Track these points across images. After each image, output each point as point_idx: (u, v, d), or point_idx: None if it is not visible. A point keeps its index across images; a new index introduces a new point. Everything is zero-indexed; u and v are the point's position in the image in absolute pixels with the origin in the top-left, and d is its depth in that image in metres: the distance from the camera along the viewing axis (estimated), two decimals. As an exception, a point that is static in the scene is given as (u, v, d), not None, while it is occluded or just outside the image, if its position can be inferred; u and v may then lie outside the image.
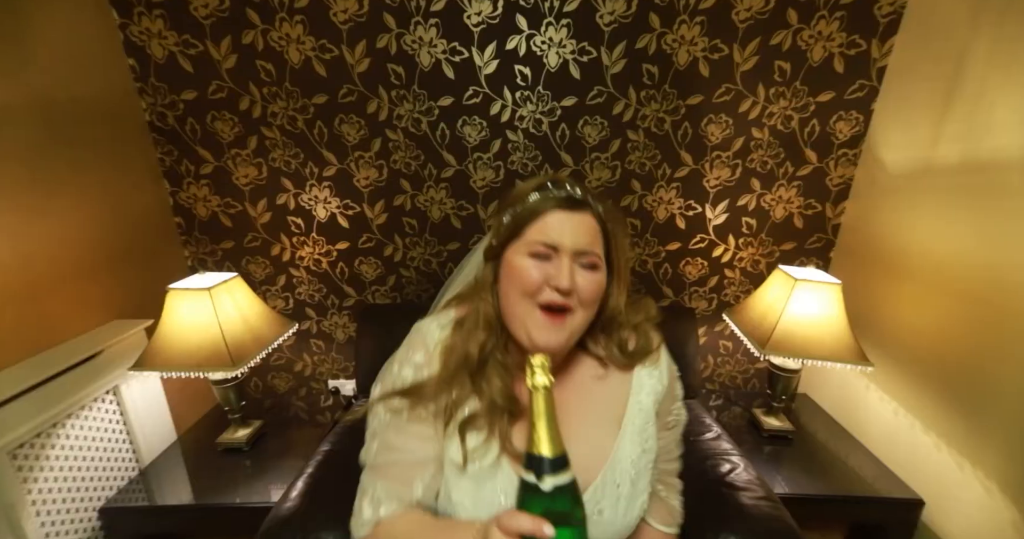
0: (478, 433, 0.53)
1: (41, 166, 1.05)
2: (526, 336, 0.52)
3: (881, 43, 1.27)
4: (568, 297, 0.51)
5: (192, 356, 1.08)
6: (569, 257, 0.51)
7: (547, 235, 0.52)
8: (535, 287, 0.52)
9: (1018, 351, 0.95)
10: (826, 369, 1.53)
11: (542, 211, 0.52)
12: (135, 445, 1.22)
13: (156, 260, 1.39)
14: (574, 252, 0.52)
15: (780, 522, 0.90)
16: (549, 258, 0.52)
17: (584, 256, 0.52)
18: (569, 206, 0.53)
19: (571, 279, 0.50)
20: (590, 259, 0.52)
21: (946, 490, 1.10)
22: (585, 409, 0.50)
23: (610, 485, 0.53)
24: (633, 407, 0.57)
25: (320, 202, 1.46)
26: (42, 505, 0.98)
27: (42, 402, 0.97)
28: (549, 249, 0.52)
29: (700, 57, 1.30)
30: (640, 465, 0.55)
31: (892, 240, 1.28)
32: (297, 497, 0.97)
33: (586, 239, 0.52)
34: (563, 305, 0.51)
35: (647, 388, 0.58)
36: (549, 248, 0.52)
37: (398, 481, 0.53)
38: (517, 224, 0.54)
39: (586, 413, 0.50)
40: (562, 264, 0.51)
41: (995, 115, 1.00)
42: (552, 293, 0.51)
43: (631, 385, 0.58)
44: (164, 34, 1.26)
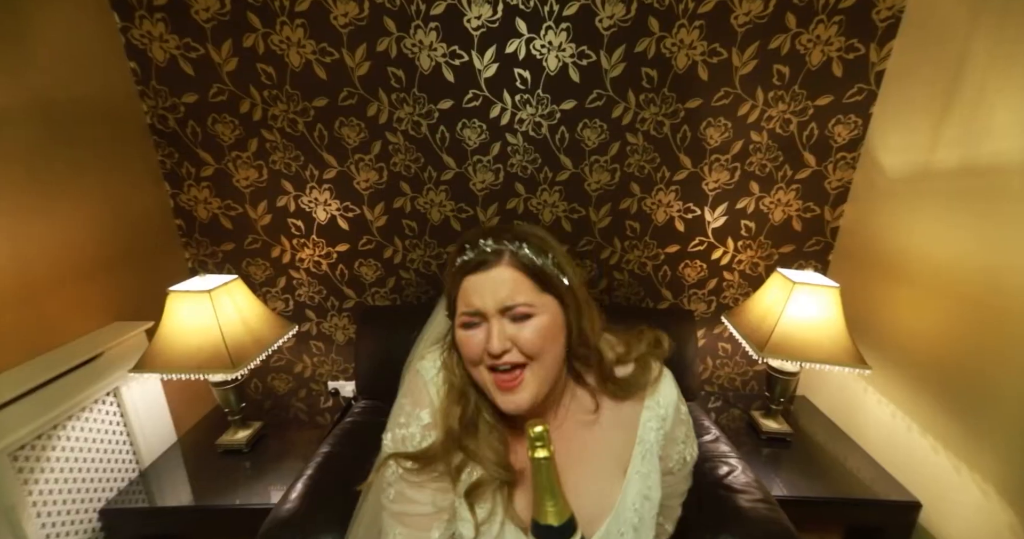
0: (483, 502, 0.52)
1: (41, 168, 1.05)
2: (497, 404, 0.51)
3: (879, 47, 1.28)
4: (509, 355, 0.49)
5: (192, 358, 1.09)
6: (496, 318, 0.49)
7: (468, 303, 0.50)
8: (477, 358, 0.51)
9: (1017, 354, 0.96)
10: (824, 372, 1.53)
11: (459, 283, 0.51)
12: (135, 446, 1.22)
13: (156, 262, 1.39)
14: (498, 310, 0.49)
15: (777, 524, 0.91)
16: (479, 324, 0.50)
17: (511, 310, 0.49)
18: (478, 267, 0.50)
19: (500, 340, 0.48)
20: (518, 310, 0.49)
21: (943, 493, 1.10)
22: (589, 455, 0.49)
23: (614, 534, 0.52)
24: (637, 456, 0.55)
25: (320, 204, 1.46)
26: (43, 506, 0.98)
27: (42, 404, 0.97)
28: (475, 317, 0.50)
29: (699, 61, 1.31)
30: (643, 511, 0.54)
31: (891, 243, 1.28)
32: (297, 499, 0.98)
33: (504, 292, 0.49)
34: (508, 365, 0.49)
35: (652, 435, 0.56)
36: (475, 316, 0.50)
37: (416, 528, 0.53)
38: (451, 300, 0.53)
39: (590, 459, 0.48)
40: (490, 327, 0.49)
41: (994, 119, 1.00)
42: (489, 358, 0.50)
43: (637, 430, 0.56)
44: (165, 37, 1.27)
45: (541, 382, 0.50)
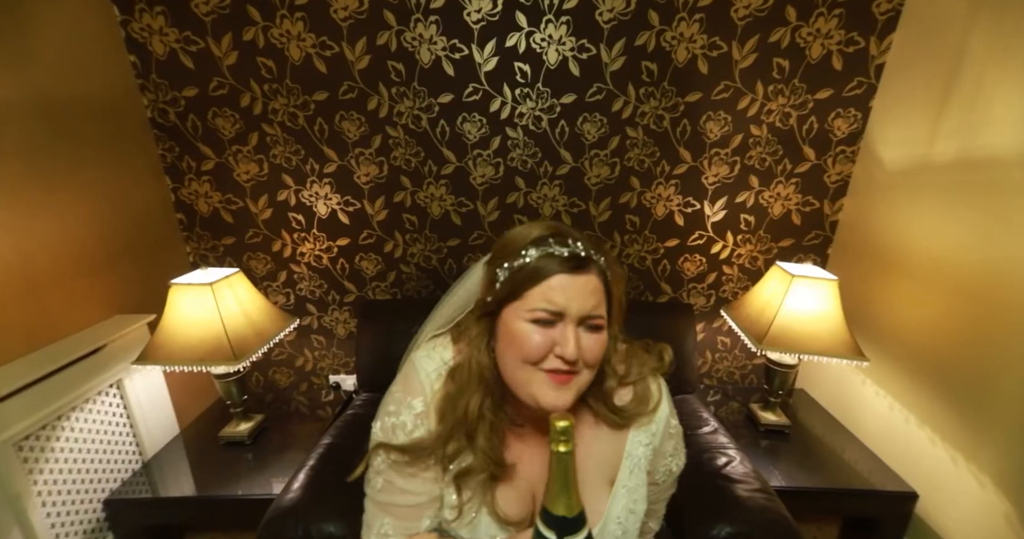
0: (467, 489, 0.52)
1: (42, 162, 1.06)
2: (531, 399, 0.50)
3: (879, 40, 1.28)
4: (575, 364, 0.49)
5: (195, 350, 1.09)
6: (575, 323, 0.48)
7: (552, 301, 0.48)
8: (539, 356, 0.48)
9: (1014, 345, 0.96)
10: (823, 365, 1.54)
11: (545, 274, 0.48)
12: (138, 438, 1.23)
13: (158, 256, 1.40)
14: (580, 319, 0.48)
15: (774, 513, 0.92)
16: (553, 324, 0.48)
17: (590, 319, 0.49)
18: (574, 268, 0.48)
19: (577, 347, 0.47)
20: (596, 322, 0.49)
21: (940, 483, 1.11)
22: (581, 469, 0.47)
23: None
24: (625, 470, 0.55)
25: (321, 198, 1.47)
26: (48, 496, 0.99)
27: (46, 395, 0.98)
28: (554, 315, 0.48)
29: (699, 54, 1.31)
30: (627, 525, 0.54)
31: (889, 237, 1.29)
32: (299, 489, 0.99)
33: (592, 302, 0.48)
34: (570, 373, 0.49)
35: (641, 449, 0.56)
36: (554, 315, 0.48)
37: (406, 519, 0.53)
38: (516, 284, 0.49)
39: (582, 473, 0.47)
40: (567, 332, 0.47)
41: (992, 112, 1.01)
42: (556, 361, 0.48)
43: (626, 446, 0.56)
44: (165, 31, 1.27)
45: (580, 389, 0.50)
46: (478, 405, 0.52)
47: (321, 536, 0.90)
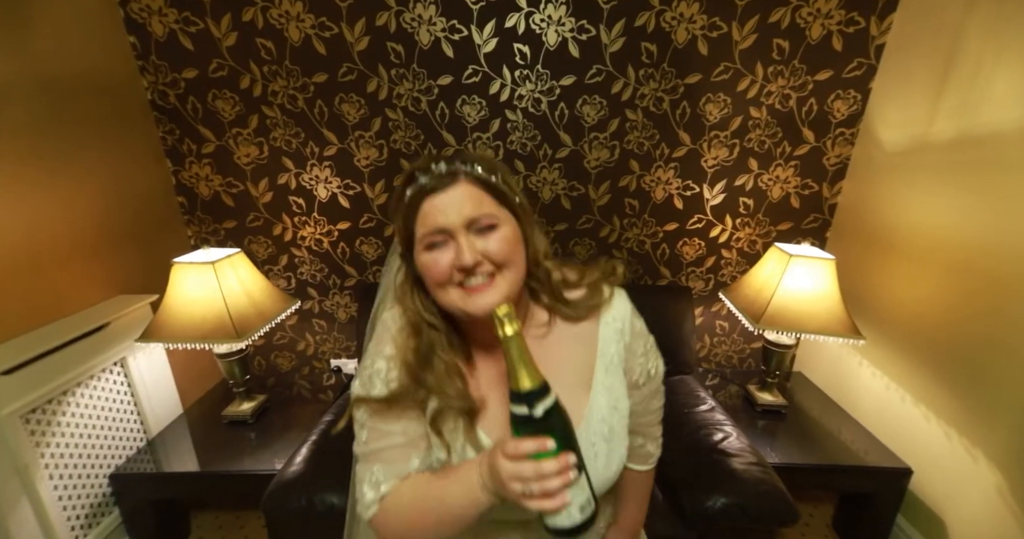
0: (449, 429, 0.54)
1: (44, 142, 1.06)
2: (464, 313, 0.51)
3: (880, 20, 1.27)
4: (481, 267, 0.50)
5: (197, 328, 1.11)
6: (462, 233, 0.49)
7: (429, 224, 0.50)
8: (446, 277, 0.50)
9: (1006, 319, 0.97)
10: (820, 347, 1.56)
11: (418, 203, 0.50)
12: (143, 416, 1.25)
13: (159, 238, 1.41)
14: (464, 225, 0.49)
15: (769, 485, 0.93)
16: (447, 243, 0.50)
17: (476, 222, 0.50)
18: (440, 185, 0.50)
19: (471, 252, 0.49)
20: (484, 222, 0.50)
21: (934, 459, 1.12)
22: (549, 370, 0.47)
23: (587, 445, 0.53)
24: (600, 369, 0.57)
25: (321, 182, 1.47)
26: (55, 469, 1.01)
27: (51, 370, 1.00)
28: (440, 235, 0.50)
29: (699, 35, 1.31)
30: (612, 421, 0.56)
31: (888, 218, 1.29)
32: (301, 462, 1.01)
33: (469, 206, 0.50)
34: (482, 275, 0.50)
35: (613, 347, 0.57)
36: (440, 234, 0.50)
37: (395, 462, 0.54)
38: (406, 223, 0.52)
39: (552, 375, 0.47)
40: (459, 242, 0.49)
41: (991, 90, 1.01)
42: (460, 275, 0.50)
43: (597, 345, 0.58)
44: (164, 11, 1.27)
45: (511, 284, 0.51)
46: (414, 350, 0.54)
47: (323, 506, 0.92)
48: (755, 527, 0.91)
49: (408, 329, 0.55)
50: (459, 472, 0.50)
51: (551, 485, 0.41)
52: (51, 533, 0.99)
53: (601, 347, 0.58)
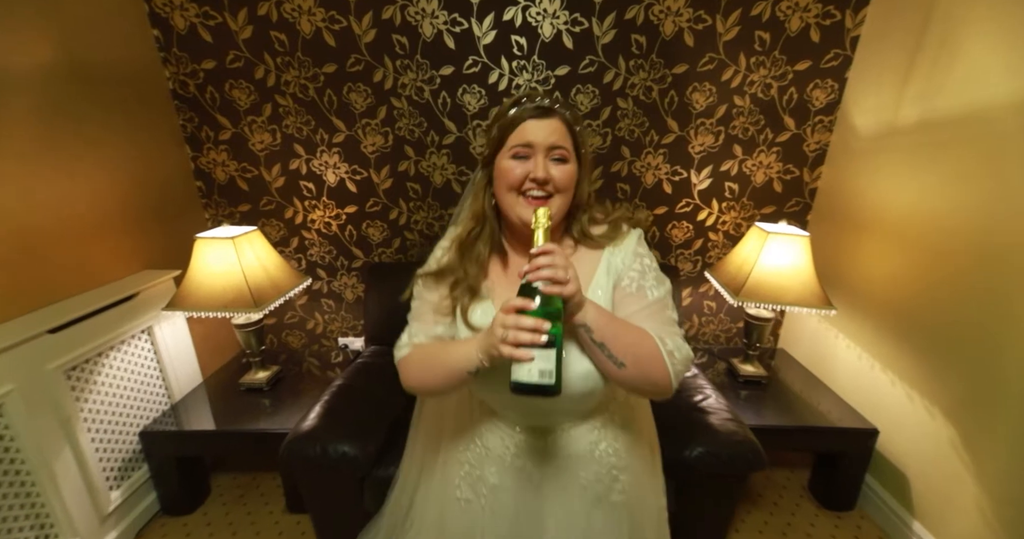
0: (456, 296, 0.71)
1: (78, 127, 1.16)
2: (517, 218, 0.65)
3: (855, 14, 1.36)
4: (546, 186, 0.63)
5: (219, 298, 1.20)
6: (543, 153, 0.63)
7: (523, 138, 0.63)
8: (519, 181, 0.63)
9: (958, 288, 1.06)
10: (801, 325, 1.64)
11: (519, 121, 0.64)
12: (167, 382, 1.34)
13: (180, 219, 1.50)
14: (547, 148, 0.63)
15: (740, 435, 1.02)
16: (528, 157, 0.64)
17: (555, 150, 0.63)
18: (540, 114, 0.64)
19: (546, 170, 0.62)
20: (560, 153, 0.64)
21: (898, 420, 1.21)
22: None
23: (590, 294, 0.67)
24: (601, 274, 0.68)
25: (330, 167, 1.56)
26: (92, 423, 1.11)
27: (89, 332, 1.09)
28: (526, 149, 0.63)
29: (685, 27, 1.39)
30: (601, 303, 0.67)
31: (861, 200, 1.38)
32: (315, 418, 1.10)
33: (555, 137, 0.63)
34: (543, 192, 0.64)
35: (610, 268, 0.68)
36: (526, 148, 0.63)
37: (427, 323, 0.70)
38: (502, 134, 0.65)
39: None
40: (538, 159, 0.63)
41: (948, 78, 1.09)
42: (531, 184, 0.63)
43: (599, 264, 0.69)
44: (185, 6, 1.36)
45: (559, 208, 0.65)
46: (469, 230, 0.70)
47: (336, 454, 1.01)
48: (728, 472, 1.00)
49: (472, 216, 0.70)
50: (463, 341, 0.64)
51: (522, 336, 0.52)
52: (90, 482, 1.09)
53: (604, 261, 0.70)
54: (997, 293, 0.98)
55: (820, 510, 1.35)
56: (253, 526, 1.28)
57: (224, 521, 1.29)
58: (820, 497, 1.38)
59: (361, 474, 1.03)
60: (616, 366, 0.60)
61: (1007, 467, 0.96)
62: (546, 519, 0.70)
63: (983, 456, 1.01)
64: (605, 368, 0.62)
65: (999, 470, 0.98)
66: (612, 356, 0.60)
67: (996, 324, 0.99)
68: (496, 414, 0.72)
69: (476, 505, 0.71)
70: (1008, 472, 0.96)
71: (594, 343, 0.60)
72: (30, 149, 1.04)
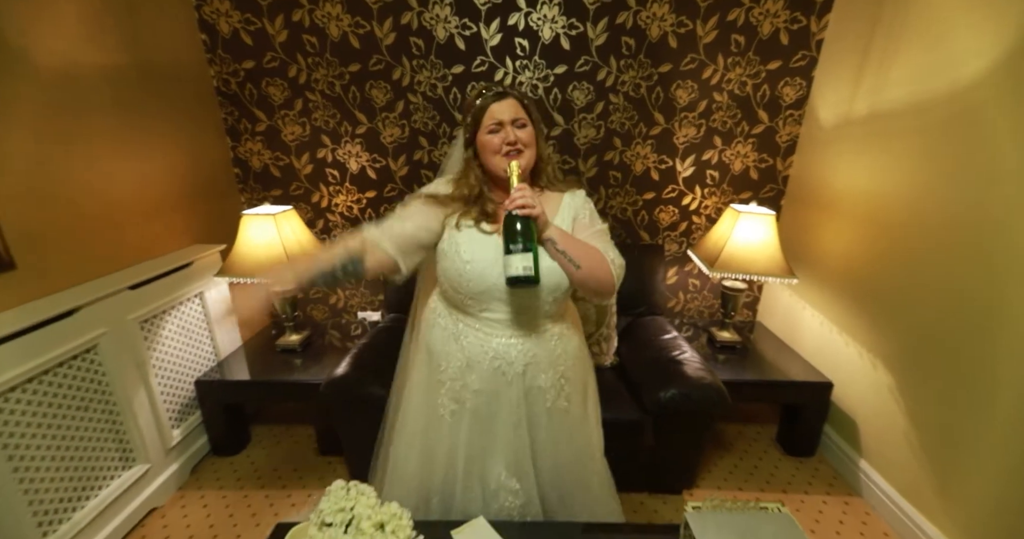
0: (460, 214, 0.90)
1: (142, 118, 1.35)
2: (501, 171, 0.87)
3: (818, 19, 1.53)
4: (516, 145, 0.86)
5: (262, 266, 1.39)
6: (509, 124, 0.85)
7: (493, 117, 0.85)
8: (498, 147, 0.86)
9: (897, 257, 1.24)
10: (776, 299, 1.82)
11: (486, 106, 0.86)
12: (214, 341, 1.54)
13: (220, 202, 1.70)
14: (511, 121, 0.85)
15: (708, 380, 1.21)
16: (499, 130, 0.85)
17: (517, 121, 0.86)
18: (498, 97, 0.86)
19: (514, 134, 0.85)
20: (521, 121, 0.86)
21: (850, 374, 1.40)
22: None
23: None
24: (563, 212, 0.92)
25: (353, 156, 1.75)
26: (159, 370, 1.31)
27: (156, 292, 1.29)
28: (497, 125, 0.85)
29: (669, 31, 1.57)
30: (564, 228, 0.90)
31: (824, 185, 1.55)
32: (346, 366, 1.30)
33: (514, 111, 0.86)
34: (515, 149, 0.86)
35: (569, 207, 0.93)
36: (497, 124, 0.85)
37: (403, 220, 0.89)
38: (476, 118, 0.87)
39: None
40: (507, 129, 0.85)
41: (889, 76, 1.26)
42: (506, 146, 0.86)
43: (561, 205, 0.93)
44: (230, 13, 1.55)
45: (527, 159, 0.87)
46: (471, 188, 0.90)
47: (365, 393, 1.21)
48: (697, 410, 1.19)
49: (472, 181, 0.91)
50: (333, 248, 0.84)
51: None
52: (159, 420, 1.29)
53: (564, 203, 0.93)
54: (926, 261, 1.16)
55: (784, 456, 1.53)
56: (291, 464, 1.48)
57: (266, 462, 1.49)
58: (785, 446, 1.56)
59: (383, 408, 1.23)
60: (574, 267, 0.82)
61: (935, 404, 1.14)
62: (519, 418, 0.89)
63: (911, 398, 1.19)
64: (567, 269, 0.83)
65: (926, 410, 1.16)
66: (571, 260, 0.81)
67: (922, 287, 1.16)
68: (480, 330, 0.89)
69: (461, 412, 0.90)
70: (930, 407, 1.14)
71: (558, 251, 0.82)
72: (111, 136, 1.24)
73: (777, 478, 1.43)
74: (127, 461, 1.21)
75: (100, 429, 1.13)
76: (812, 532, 1.23)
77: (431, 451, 0.94)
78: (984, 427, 1.02)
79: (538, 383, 0.89)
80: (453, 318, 0.92)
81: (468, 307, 0.89)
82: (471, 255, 0.85)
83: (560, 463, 0.94)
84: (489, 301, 0.87)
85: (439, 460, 0.93)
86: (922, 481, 1.16)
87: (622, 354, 1.50)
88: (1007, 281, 0.97)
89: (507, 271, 0.76)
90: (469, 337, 0.89)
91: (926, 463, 1.15)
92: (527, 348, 0.88)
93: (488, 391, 0.89)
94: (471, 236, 0.87)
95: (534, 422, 0.91)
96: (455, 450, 0.92)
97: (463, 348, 0.89)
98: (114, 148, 1.25)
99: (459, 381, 0.89)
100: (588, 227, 0.91)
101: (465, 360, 0.89)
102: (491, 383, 0.88)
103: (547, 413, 0.91)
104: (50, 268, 1.07)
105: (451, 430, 0.91)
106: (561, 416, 0.93)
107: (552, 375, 0.90)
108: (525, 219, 0.78)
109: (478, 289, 0.85)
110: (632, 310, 1.66)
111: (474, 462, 0.92)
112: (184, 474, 1.40)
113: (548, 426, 0.92)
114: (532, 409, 0.90)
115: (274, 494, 1.36)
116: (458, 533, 0.86)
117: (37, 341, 0.98)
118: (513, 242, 0.76)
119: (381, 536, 0.66)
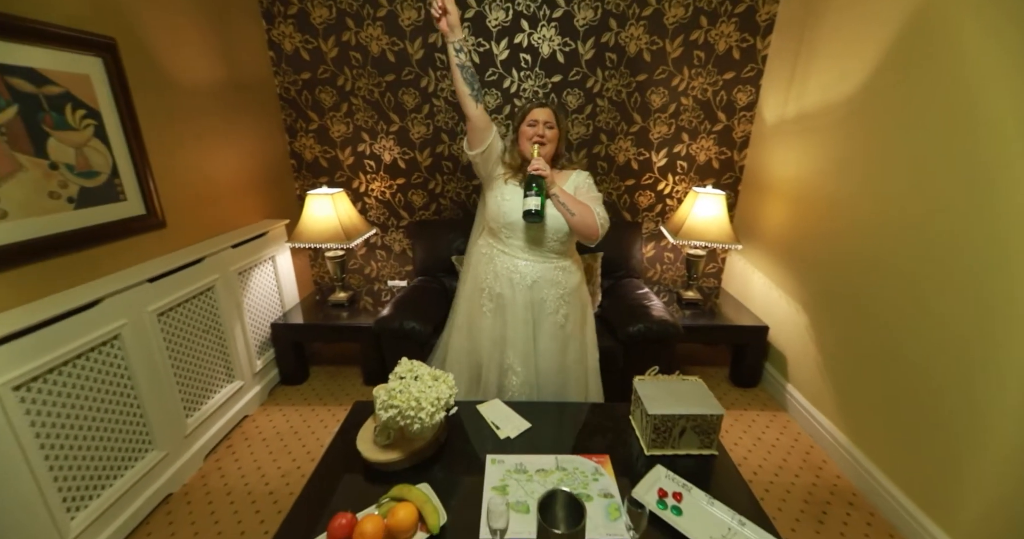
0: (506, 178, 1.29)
1: (230, 119, 1.74)
2: (529, 152, 1.25)
3: (763, 39, 1.90)
4: (543, 138, 1.25)
5: (322, 234, 1.79)
6: (542, 124, 1.26)
7: (533, 117, 1.27)
8: (530, 135, 1.25)
9: (812, 228, 1.62)
10: (734, 268, 2.20)
11: (529, 109, 1.28)
12: (281, 296, 1.94)
13: (280, 186, 2.09)
14: (543, 122, 1.26)
15: (666, 318, 1.60)
16: (535, 125, 1.26)
17: (547, 123, 1.26)
18: (539, 105, 1.28)
19: (543, 131, 1.25)
20: (549, 124, 1.26)
21: (780, 319, 1.78)
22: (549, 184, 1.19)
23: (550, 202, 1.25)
24: (568, 184, 1.30)
25: (387, 150, 2.14)
26: (248, 313, 1.71)
27: (243, 254, 1.69)
28: (534, 121, 1.26)
29: (644, 48, 1.94)
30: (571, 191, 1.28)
31: (768, 172, 1.93)
32: (391, 308, 1.69)
33: (546, 116, 1.26)
34: (542, 141, 1.24)
35: (574, 180, 1.31)
36: (534, 121, 1.26)
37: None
38: (523, 115, 1.29)
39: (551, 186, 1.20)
40: (539, 127, 1.25)
41: (808, 84, 1.64)
42: (536, 136, 1.25)
43: (570, 178, 1.31)
44: (292, 35, 1.94)
45: (548, 151, 1.26)
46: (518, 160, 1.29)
47: (407, 327, 1.60)
48: (657, 339, 1.57)
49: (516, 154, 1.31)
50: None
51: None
52: (249, 352, 1.69)
53: (571, 178, 1.31)
54: (832, 229, 1.54)
55: (733, 388, 1.92)
56: (343, 390, 1.88)
57: (324, 389, 1.89)
58: (735, 380, 1.95)
59: (422, 341, 1.62)
60: (570, 214, 1.19)
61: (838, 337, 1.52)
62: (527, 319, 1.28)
63: (821, 333, 1.58)
64: (564, 215, 1.20)
65: (831, 341, 1.54)
66: (569, 209, 1.19)
67: (830, 250, 1.54)
68: (504, 252, 1.28)
69: (495, 310, 1.30)
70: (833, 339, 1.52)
71: (559, 202, 1.19)
72: (218, 134, 1.64)
73: (725, 401, 1.82)
74: (229, 377, 1.61)
75: (214, 353, 1.53)
76: (745, 433, 1.62)
77: (474, 335, 1.35)
78: (872, 348, 1.39)
79: (542, 296, 1.28)
80: (489, 246, 1.32)
81: (500, 233, 1.29)
82: (509, 197, 1.25)
83: (558, 366, 1.33)
84: (514, 230, 1.26)
85: (481, 342, 1.34)
86: (825, 392, 1.55)
87: (604, 306, 1.89)
88: (890, 243, 1.33)
89: (524, 207, 1.15)
90: (499, 257, 1.29)
91: (829, 379, 1.54)
92: (535, 269, 1.27)
93: (507, 295, 1.28)
94: (511, 187, 1.27)
95: (539, 327, 1.30)
96: (489, 334, 1.32)
97: (494, 264, 1.29)
98: (218, 143, 1.64)
99: (490, 288, 1.30)
100: (586, 193, 1.29)
101: (494, 273, 1.29)
102: (508, 289, 1.28)
103: (550, 322, 1.30)
104: (185, 228, 1.48)
105: (488, 322, 1.32)
106: (558, 329, 1.31)
107: (553, 294, 1.29)
108: (538, 177, 1.15)
109: (508, 220, 1.25)
110: (614, 274, 2.04)
111: (496, 346, 1.31)
112: (264, 395, 1.80)
113: (551, 335, 1.30)
114: (538, 317, 1.29)
115: (335, 408, 1.76)
116: (481, 407, 1.25)
117: (173, 284, 1.37)
118: (528, 190, 1.14)
119: (435, 383, 1.05)
